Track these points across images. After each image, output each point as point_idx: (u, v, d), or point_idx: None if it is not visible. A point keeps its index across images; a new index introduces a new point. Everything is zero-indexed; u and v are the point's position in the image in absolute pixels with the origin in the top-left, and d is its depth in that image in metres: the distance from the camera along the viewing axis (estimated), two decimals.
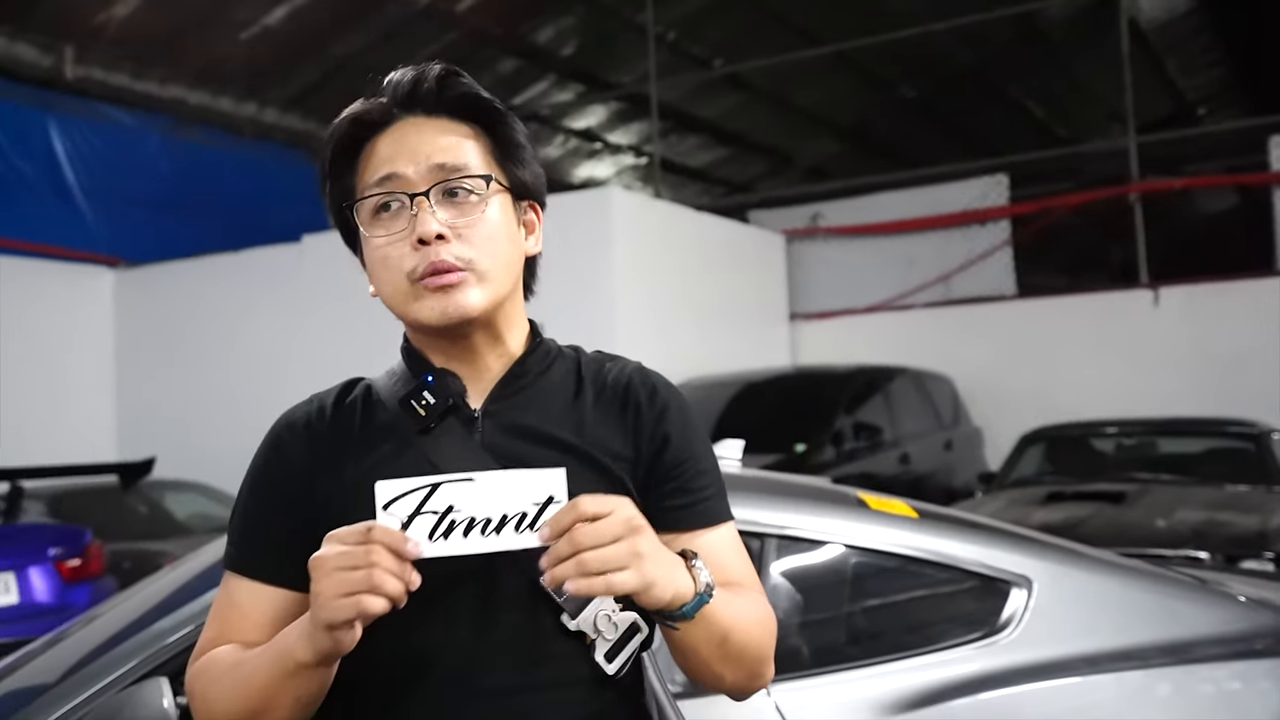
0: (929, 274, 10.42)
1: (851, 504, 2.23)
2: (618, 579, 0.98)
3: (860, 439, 7.18)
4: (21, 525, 5.02)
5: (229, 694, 1.09)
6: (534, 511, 1.01)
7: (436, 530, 1.00)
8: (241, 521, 1.20)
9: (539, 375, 1.20)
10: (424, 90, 1.18)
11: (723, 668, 1.12)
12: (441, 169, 1.15)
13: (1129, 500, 5.29)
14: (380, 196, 1.15)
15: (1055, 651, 2.00)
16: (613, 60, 12.48)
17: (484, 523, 1.01)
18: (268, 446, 1.21)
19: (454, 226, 1.13)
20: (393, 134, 1.17)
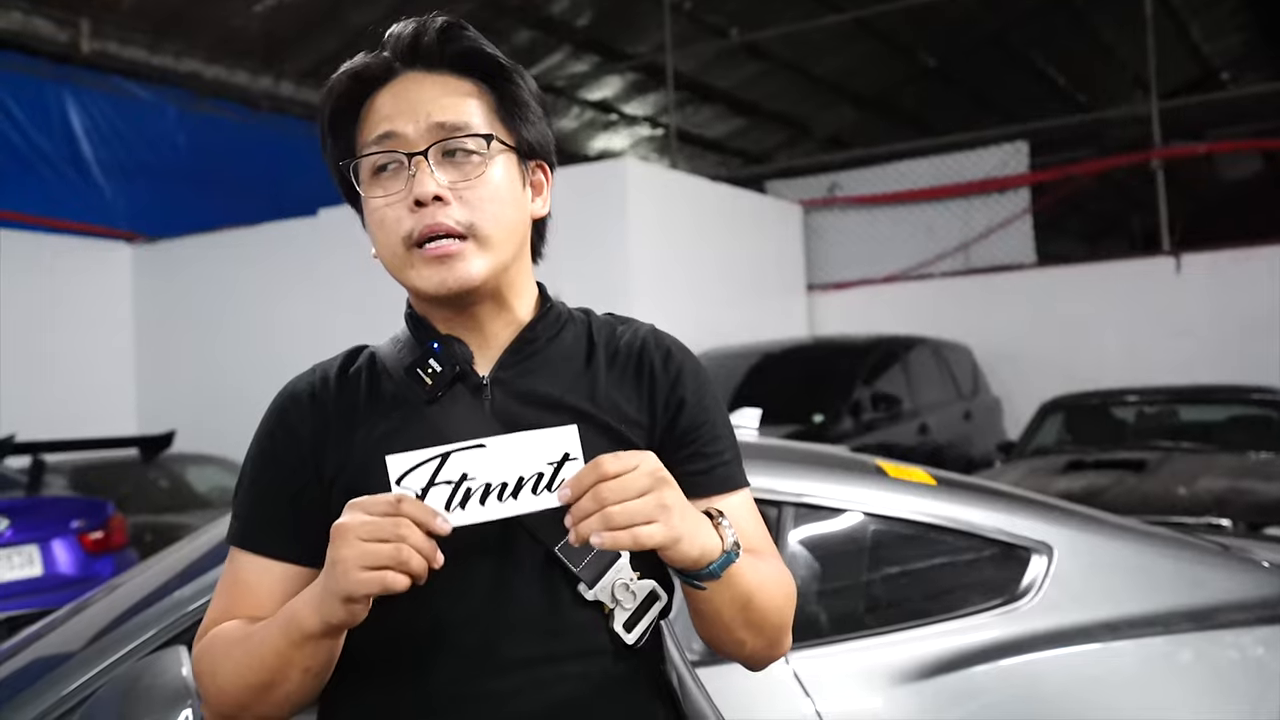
0: (948, 243, 10.35)
1: (870, 471, 2.22)
2: (645, 532, 0.95)
3: (879, 409, 7.16)
4: (45, 498, 5.07)
5: (236, 667, 1.07)
6: (550, 471, 0.99)
7: (453, 500, 0.98)
8: (247, 496, 1.16)
9: (549, 341, 1.17)
10: (425, 44, 1.13)
11: (745, 633, 1.11)
12: (441, 128, 1.10)
13: (1150, 468, 5.25)
14: (378, 155, 1.11)
15: (1076, 618, 1.98)
16: (629, 30, 12.38)
17: (500, 488, 0.98)
18: (272, 419, 1.17)
19: (454, 188, 1.09)
20: (392, 90, 1.13)
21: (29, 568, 4.67)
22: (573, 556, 1.09)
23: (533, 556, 1.09)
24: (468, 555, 1.07)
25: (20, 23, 9.85)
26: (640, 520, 0.96)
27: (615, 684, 1.12)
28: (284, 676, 1.04)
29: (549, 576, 1.09)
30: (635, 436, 1.14)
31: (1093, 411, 6.85)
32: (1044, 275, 9.70)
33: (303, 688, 1.06)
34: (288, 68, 11.77)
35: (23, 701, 1.71)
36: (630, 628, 1.11)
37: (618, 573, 1.10)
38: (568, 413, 1.12)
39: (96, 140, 10.34)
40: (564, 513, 1.08)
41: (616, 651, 1.11)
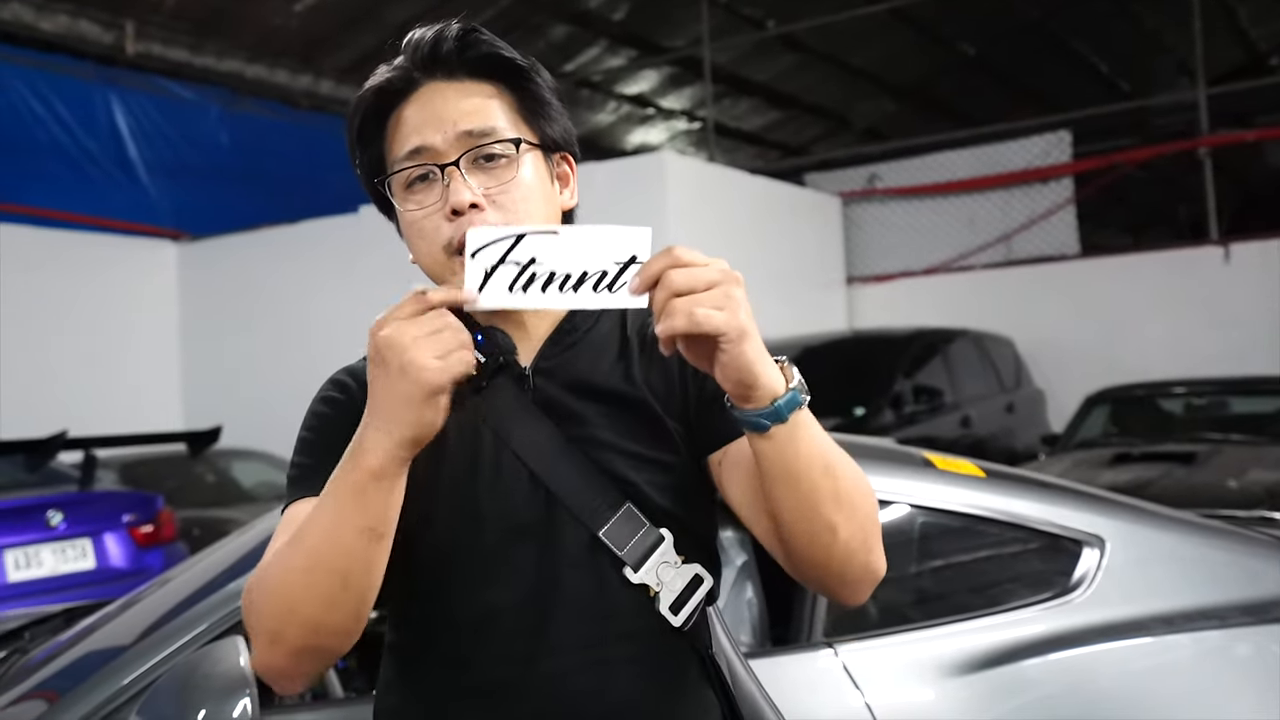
0: (990, 234, 10.24)
1: (918, 464, 2.20)
2: (704, 314, 0.93)
3: (920, 402, 7.11)
4: (97, 492, 5.15)
5: (287, 560, 1.02)
6: (615, 271, 1.00)
7: (516, 282, 1.00)
8: (312, 456, 1.15)
9: (587, 331, 1.19)
10: (444, 52, 1.15)
11: (834, 512, 1.02)
12: (469, 135, 1.12)
13: (1199, 461, 5.17)
14: (411, 169, 1.13)
15: (1129, 611, 1.96)
16: (665, 24, 12.35)
17: (564, 278, 0.99)
18: (328, 389, 1.20)
19: (488, 193, 1.11)
20: (417, 101, 1.15)
21: (82, 560, 4.75)
22: (617, 539, 1.10)
23: (578, 540, 1.10)
24: (512, 541, 1.10)
25: (67, 25, 10.01)
26: (708, 306, 0.93)
27: (664, 665, 1.13)
28: (339, 545, 0.99)
29: (595, 560, 1.11)
30: (669, 414, 1.15)
31: (1139, 403, 6.76)
32: (1088, 266, 9.58)
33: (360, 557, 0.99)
34: (326, 66, 11.86)
35: (82, 693, 1.74)
36: (677, 610, 1.12)
37: (662, 556, 1.11)
38: (607, 398, 1.14)
39: (141, 140, 10.49)
40: (604, 499, 1.09)
41: (664, 633, 1.13)
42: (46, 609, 2.71)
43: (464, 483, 1.12)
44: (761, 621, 2.19)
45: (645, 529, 1.11)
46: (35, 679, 1.96)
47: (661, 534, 1.12)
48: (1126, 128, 11.52)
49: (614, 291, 0.99)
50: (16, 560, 4.57)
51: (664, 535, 1.12)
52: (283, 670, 1.04)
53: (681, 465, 1.15)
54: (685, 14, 11.55)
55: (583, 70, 12.71)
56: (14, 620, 2.54)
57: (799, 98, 14.18)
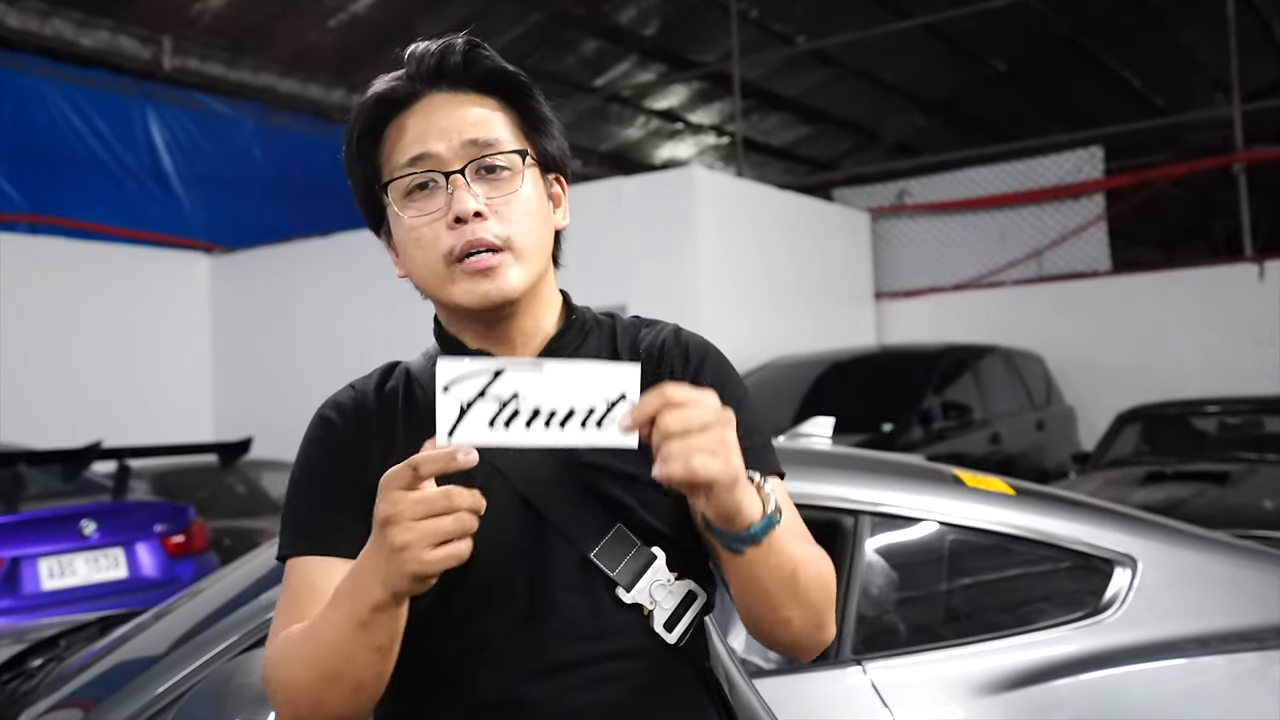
0: (1020, 250, 10.18)
1: (947, 481, 2.19)
2: (702, 463, 0.94)
3: (949, 418, 7.06)
4: (129, 502, 5.19)
5: (304, 662, 1.05)
6: (603, 409, 0.96)
7: (497, 418, 0.95)
8: (301, 503, 1.15)
9: (575, 350, 1.19)
10: (450, 65, 1.16)
11: (791, 609, 1.08)
12: (474, 145, 1.13)
13: (1233, 480, 5.11)
14: (415, 176, 1.13)
15: (1162, 632, 1.94)
16: (695, 39, 12.40)
17: (549, 415, 0.96)
18: (317, 428, 1.18)
19: (490, 203, 1.11)
20: (420, 111, 1.15)
21: (114, 570, 4.80)
22: (608, 560, 1.10)
23: (569, 562, 1.10)
24: (507, 564, 1.09)
25: (106, 41, 10.18)
26: (703, 452, 0.94)
27: (661, 681, 1.13)
28: (352, 660, 1.02)
29: (587, 581, 1.10)
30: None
31: (1172, 422, 6.69)
32: (1120, 282, 9.50)
33: (371, 669, 1.03)
34: (359, 80, 11.97)
35: (116, 702, 1.76)
36: (671, 627, 1.12)
37: (654, 574, 1.11)
38: None
39: (177, 154, 10.63)
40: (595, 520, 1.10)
41: (660, 651, 1.12)
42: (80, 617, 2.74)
43: None
44: None
45: (636, 549, 1.11)
46: (71, 687, 1.98)
47: (653, 553, 1.12)
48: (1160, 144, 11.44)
49: (602, 429, 0.96)
50: (50, 569, 4.62)
51: (655, 554, 1.12)
52: None
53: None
54: (715, 29, 11.59)
55: (613, 85, 12.76)
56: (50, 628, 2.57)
57: (828, 112, 14.18)
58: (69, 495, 5.12)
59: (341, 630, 1.01)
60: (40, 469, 5.16)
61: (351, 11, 10.85)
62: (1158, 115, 12.80)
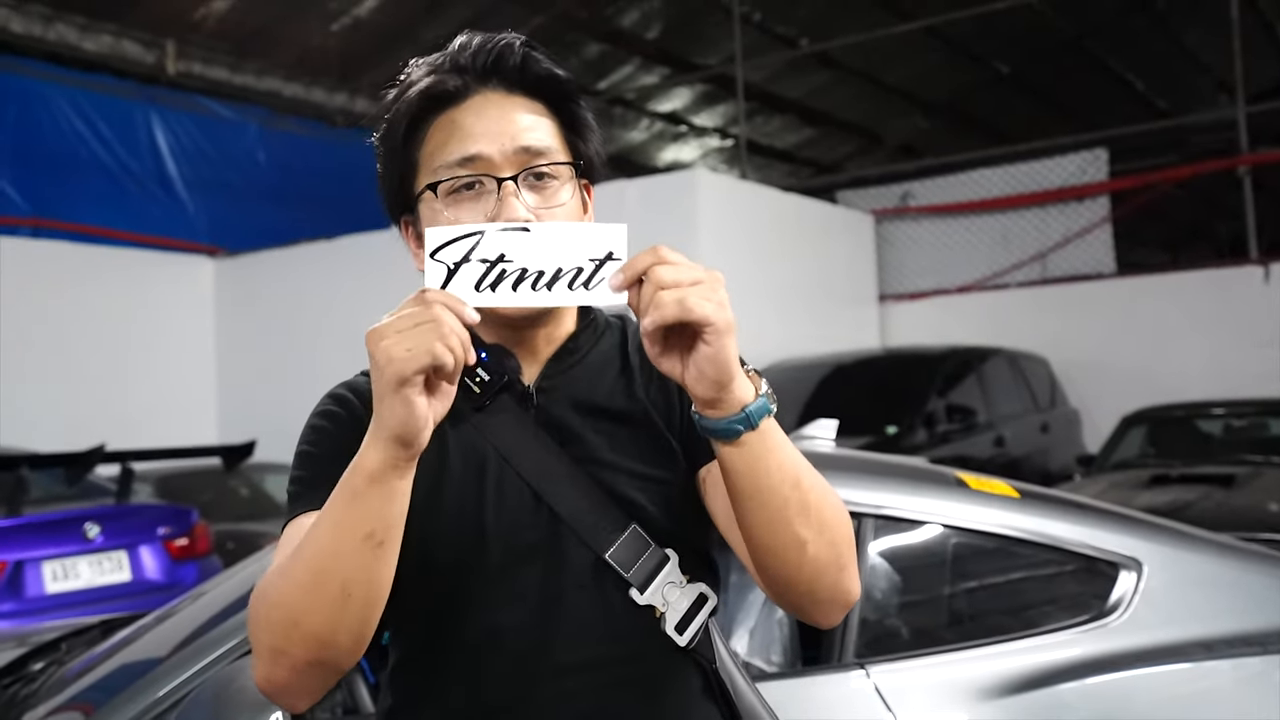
0: (1024, 253, 10.16)
1: (951, 484, 2.18)
2: (704, 304, 0.94)
3: (953, 421, 7.05)
4: (133, 505, 5.19)
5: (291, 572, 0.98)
6: (591, 268, 0.96)
7: (484, 280, 0.95)
8: (314, 466, 1.11)
9: (589, 350, 1.19)
10: (508, 65, 1.14)
11: (803, 526, 1.01)
12: (527, 152, 1.11)
13: (1239, 483, 5.09)
14: (466, 177, 1.11)
15: (1167, 636, 1.93)
16: (698, 42, 12.40)
17: (536, 275, 0.95)
18: (332, 404, 1.16)
19: (535, 212, 1.10)
20: (472, 109, 1.13)
21: (118, 573, 4.80)
22: (624, 562, 1.10)
23: (583, 562, 1.10)
24: (519, 562, 1.09)
25: (110, 45, 10.20)
26: (696, 295, 0.94)
27: (670, 683, 1.13)
28: (340, 555, 0.96)
29: (600, 581, 1.10)
30: (670, 432, 1.15)
31: (1177, 424, 6.67)
32: (1125, 285, 9.47)
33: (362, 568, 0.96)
34: (363, 84, 12.00)
35: (117, 706, 1.75)
36: (682, 630, 1.12)
37: (668, 576, 1.11)
38: (610, 417, 1.14)
39: (180, 157, 10.65)
40: (610, 520, 1.08)
41: (670, 652, 1.12)
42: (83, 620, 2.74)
43: (469, 503, 1.10)
44: (792, 641, 2.18)
45: (651, 550, 1.11)
46: (71, 691, 1.98)
47: (667, 554, 1.12)
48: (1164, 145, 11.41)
49: (590, 289, 0.95)
50: (54, 572, 4.62)
51: (669, 555, 1.12)
52: (286, 686, 1.01)
53: (683, 484, 1.15)
54: (718, 32, 11.59)
55: (616, 88, 12.76)
56: (52, 632, 2.57)
57: (832, 115, 14.18)
58: (72, 498, 5.12)
59: (332, 517, 0.97)
60: (44, 472, 5.16)
61: (354, 15, 10.86)
62: (1162, 117, 12.78)
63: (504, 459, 1.11)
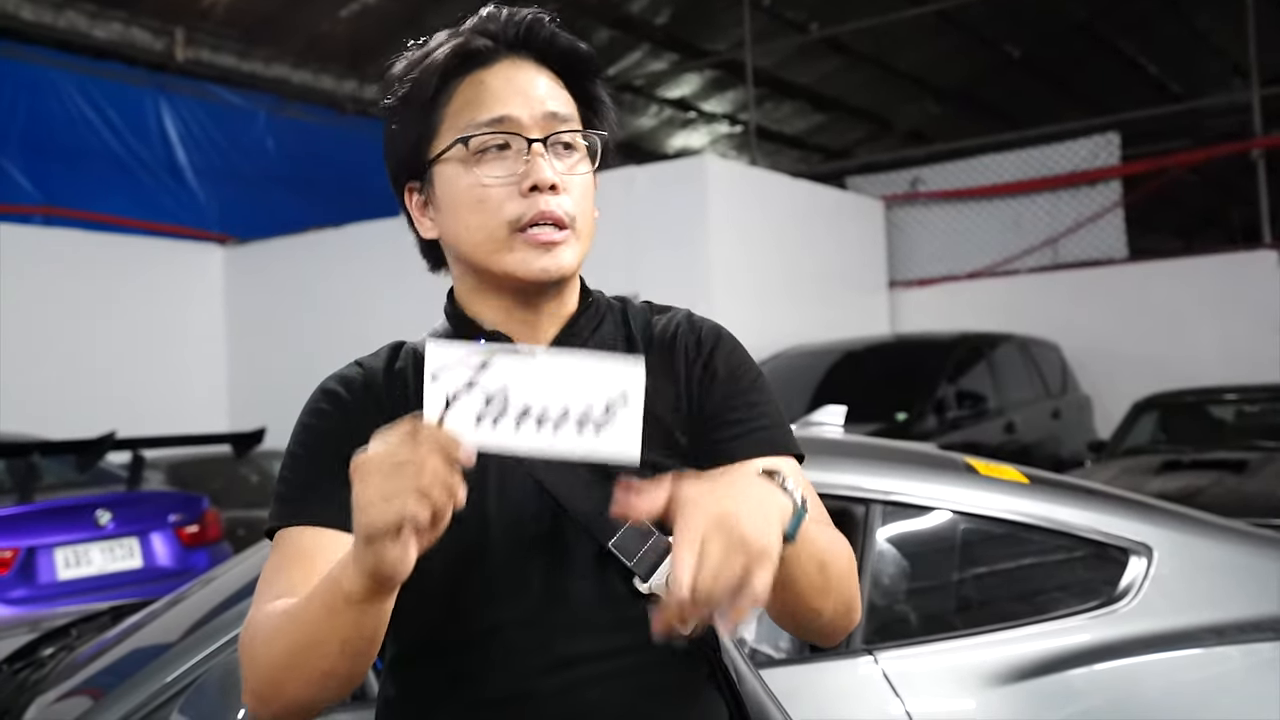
0: (1036, 238, 10.12)
1: (959, 469, 2.17)
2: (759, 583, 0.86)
3: (963, 407, 7.03)
4: (144, 492, 5.22)
5: (275, 636, 0.99)
6: (601, 410, 0.89)
7: (484, 416, 0.89)
8: (298, 471, 1.11)
9: (591, 333, 1.17)
10: (540, 36, 1.15)
11: (822, 600, 1.05)
12: (555, 118, 1.11)
13: (1251, 469, 5.07)
14: (496, 136, 1.10)
15: (1178, 622, 1.92)
16: (707, 27, 12.35)
17: (540, 414, 0.89)
18: (322, 401, 1.13)
19: (562, 178, 1.10)
20: (500, 72, 1.13)
21: (129, 559, 4.82)
22: (627, 551, 1.08)
23: (585, 552, 1.08)
24: (521, 553, 1.07)
25: (120, 33, 10.20)
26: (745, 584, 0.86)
27: (674, 673, 1.11)
28: (320, 648, 0.96)
29: (604, 571, 1.08)
30: (675, 426, 1.13)
31: (1189, 410, 6.64)
32: (1137, 270, 9.42)
33: (339, 667, 0.97)
34: (371, 71, 11.99)
35: (125, 690, 1.76)
36: None
37: (669, 565, 1.09)
38: None
39: (190, 145, 10.66)
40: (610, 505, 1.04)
41: (673, 642, 1.09)
42: (95, 607, 2.75)
43: (471, 493, 1.04)
44: None
45: (654, 538, 1.09)
46: (81, 676, 1.99)
47: (669, 541, 1.09)
48: (1177, 130, 11.34)
49: (600, 436, 0.88)
50: (66, 558, 4.65)
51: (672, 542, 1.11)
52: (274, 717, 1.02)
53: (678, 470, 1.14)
54: (728, 18, 11.54)
55: (625, 74, 12.72)
56: (62, 618, 2.58)
57: (842, 100, 14.11)
58: (84, 485, 5.15)
59: (317, 613, 0.96)
60: (55, 459, 5.18)
61: (363, 2, 10.85)
62: (1174, 101, 12.69)
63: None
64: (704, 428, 1.14)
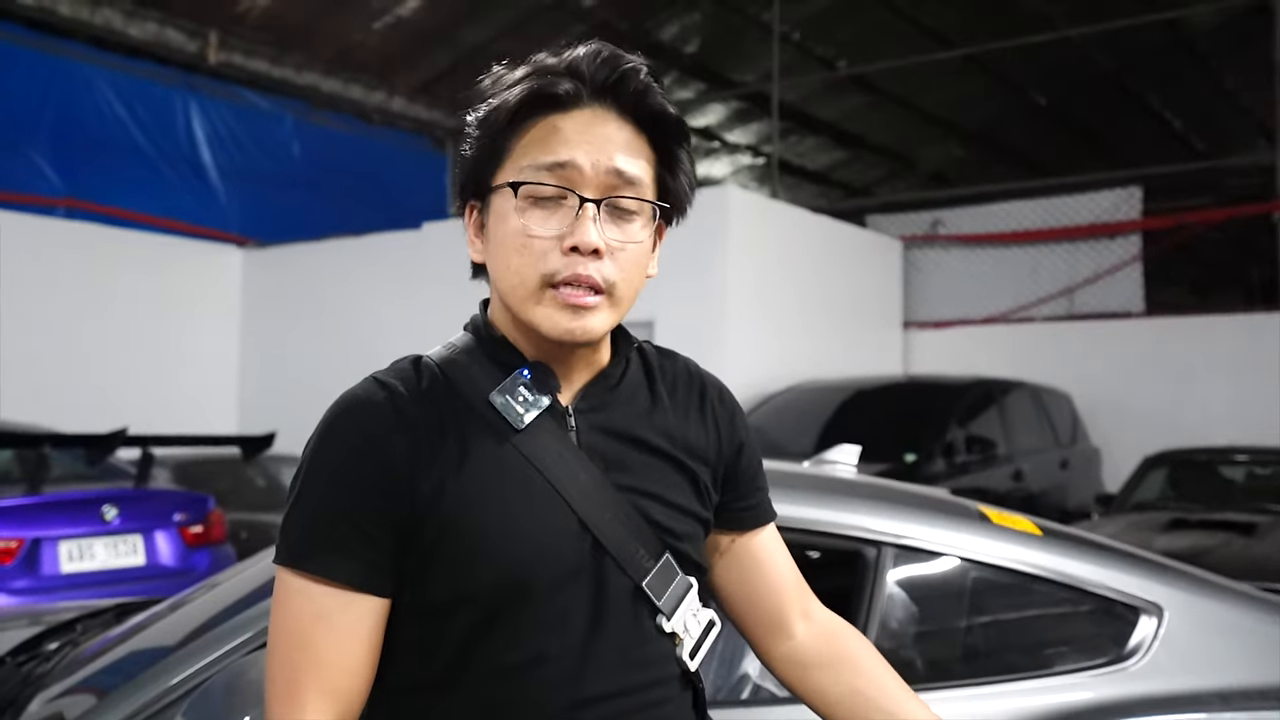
0: (1052, 287, 10.11)
1: (973, 517, 2.16)
2: None
3: (972, 452, 7.00)
4: (150, 490, 5.22)
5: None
6: None
7: None
8: (330, 518, 1.05)
9: (620, 378, 1.18)
10: (629, 89, 1.11)
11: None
12: (620, 176, 1.08)
13: (1261, 532, 5.04)
14: (550, 188, 1.07)
15: (1186, 684, 1.90)
16: (736, 58, 12.42)
17: None
18: (349, 431, 1.07)
19: (609, 244, 1.07)
20: (578, 119, 1.09)
21: (133, 556, 4.82)
22: (657, 590, 1.11)
23: (621, 588, 1.10)
24: (563, 587, 1.07)
25: (154, 33, 10.31)
26: None
27: (677, 712, 1.14)
28: None
29: (636, 609, 1.11)
30: (702, 473, 1.18)
31: (1199, 468, 6.61)
32: (1152, 325, 9.41)
33: None
34: (400, 83, 12.08)
35: (128, 691, 1.76)
36: (693, 655, 1.15)
37: (690, 603, 1.14)
38: (648, 450, 1.14)
39: (216, 146, 10.75)
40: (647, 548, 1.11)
41: (680, 679, 1.15)
42: (96, 602, 2.75)
43: (518, 524, 1.07)
44: None
45: (679, 578, 1.13)
46: (84, 672, 1.99)
47: (690, 582, 1.15)
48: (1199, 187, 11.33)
49: None
50: (70, 552, 4.65)
51: (692, 583, 1.15)
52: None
53: (707, 519, 1.19)
54: (756, 50, 11.60)
55: None
56: (67, 612, 2.58)
57: (865, 138, 14.15)
58: (92, 480, 5.15)
59: None
60: (65, 452, 5.20)
61: (396, 14, 10.94)
62: (1198, 158, 12.69)
63: (549, 483, 1.08)
64: (729, 489, 1.23)
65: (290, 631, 1.05)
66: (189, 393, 9.54)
